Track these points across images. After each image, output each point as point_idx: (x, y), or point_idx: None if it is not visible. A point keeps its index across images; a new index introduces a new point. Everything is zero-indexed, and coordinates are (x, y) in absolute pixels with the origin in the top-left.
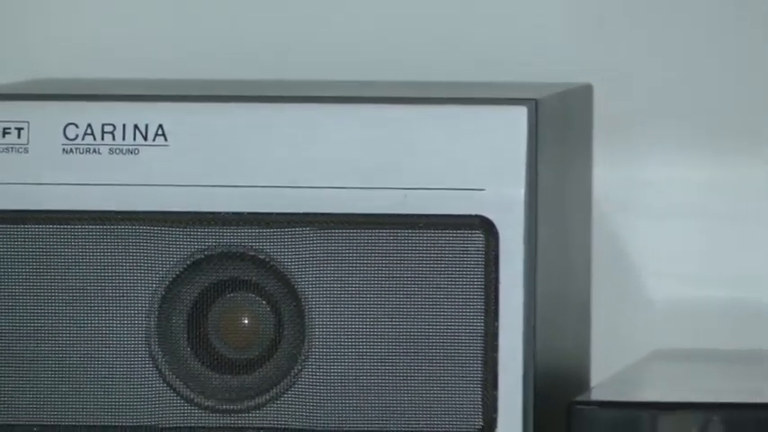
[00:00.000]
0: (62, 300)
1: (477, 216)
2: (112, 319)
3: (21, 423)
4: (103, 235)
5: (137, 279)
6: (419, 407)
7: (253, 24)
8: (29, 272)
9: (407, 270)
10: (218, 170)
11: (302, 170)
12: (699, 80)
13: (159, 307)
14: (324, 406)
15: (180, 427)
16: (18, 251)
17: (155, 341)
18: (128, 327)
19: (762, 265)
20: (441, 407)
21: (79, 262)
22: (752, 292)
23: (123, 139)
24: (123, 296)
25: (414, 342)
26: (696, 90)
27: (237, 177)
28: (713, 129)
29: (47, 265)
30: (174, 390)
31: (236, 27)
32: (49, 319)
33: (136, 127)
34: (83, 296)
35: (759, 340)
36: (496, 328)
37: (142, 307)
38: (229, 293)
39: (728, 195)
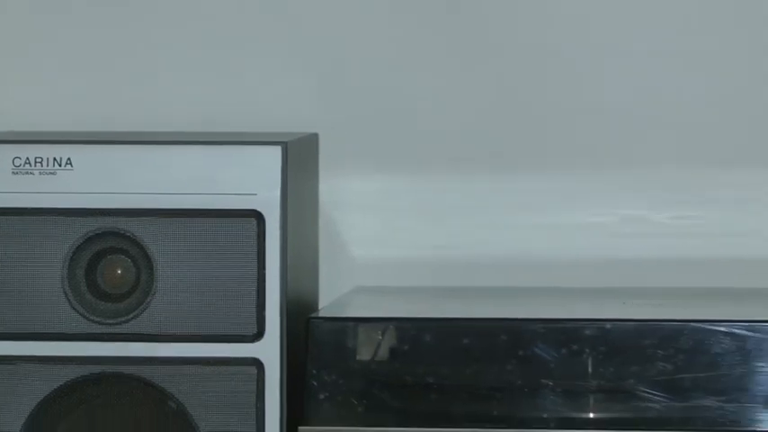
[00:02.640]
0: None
1: (253, 210)
2: (39, 269)
3: None
4: (39, 222)
5: (57, 246)
6: (221, 318)
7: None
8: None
9: (212, 241)
10: (103, 184)
11: (154, 185)
12: (379, 128)
13: (69, 262)
14: (164, 321)
15: (79, 333)
16: None
17: (65, 283)
18: (49, 274)
19: (424, 229)
20: (232, 321)
21: (25, 236)
22: (420, 250)
23: (47, 165)
24: (47, 256)
25: (209, 281)
26: (378, 134)
27: (113, 188)
28: (389, 160)
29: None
30: (77, 311)
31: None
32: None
33: (54, 159)
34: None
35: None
36: (264, 274)
37: (58, 262)
38: (109, 255)
39: (401, 195)
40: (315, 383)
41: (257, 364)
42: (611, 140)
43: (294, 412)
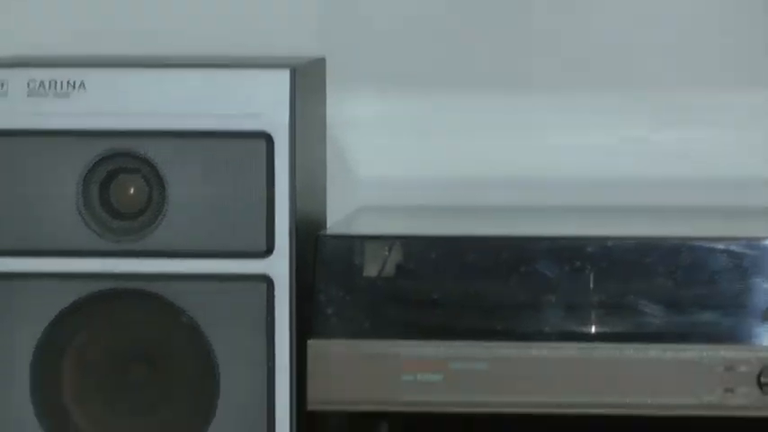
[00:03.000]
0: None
1: (262, 131)
2: (54, 189)
3: None
4: (53, 143)
5: (71, 166)
6: (231, 235)
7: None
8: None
9: (223, 161)
10: (115, 106)
11: (157, 104)
12: (390, 52)
13: (83, 180)
14: (176, 238)
15: (93, 250)
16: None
17: (80, 202)
18: (64, 194)
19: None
20: (242, 239)
21: (40, 157)
22: (425, 170)
23: (61, 88)
24: (62, 176)
25: (220, 199)
26: (383, 57)
27: (125, 110)
28: (395, 83)
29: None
30: (91, 229)
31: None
32: None
33: (68, 81)
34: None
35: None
36: (273, 192)
37: (72, 182)
38: (122, 175)
39: (406, 117)
40: (323, 299)
41: (267, 280)
42: (613, 62)
43: (303, 326)
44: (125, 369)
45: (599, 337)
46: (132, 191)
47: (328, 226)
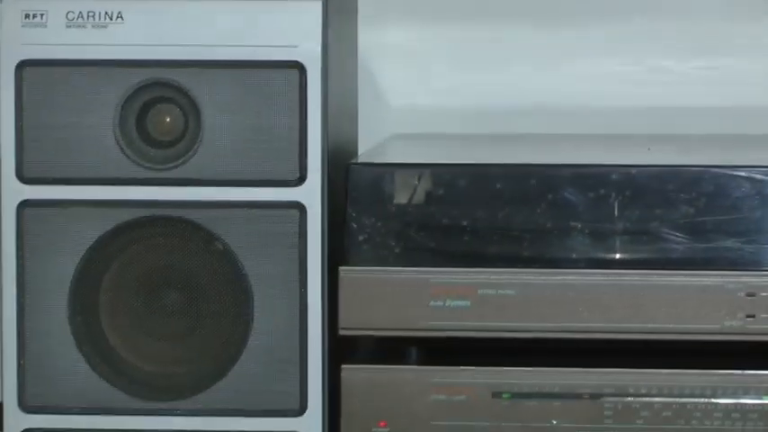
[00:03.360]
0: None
1: (295, 61)
2: (92, 118)
3: None
4: (91, 73)
5: (108, 95)
6: (265, 163)
7: None
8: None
9: (256, 90)
10: (152, 37)
11: (193, 36)
12: None
13: (121, 110)
14: (211, 166)
15: (130, 178)
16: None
17: (117, 130)
18: (101, 123)
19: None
20: (275, 167)
21: (78, 86)
22: (455, 99)
23: (99, 19)
24: (100, 105)
25: (253, 128)
26: None
27: (162, 41)
28: (425, 13)
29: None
30: (128, 157)
31: None
32: None
33: (106, 13)
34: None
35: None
36: (306, 121)
37: (110, 111)
38: (158, 104)
39: (436, 47)
40: (354, 226)
41: (299, 207)
42: None
43: (334, 253)
44: (161, 294)
45: (624, 264)
46: (168, 120)
47: (359, 154)
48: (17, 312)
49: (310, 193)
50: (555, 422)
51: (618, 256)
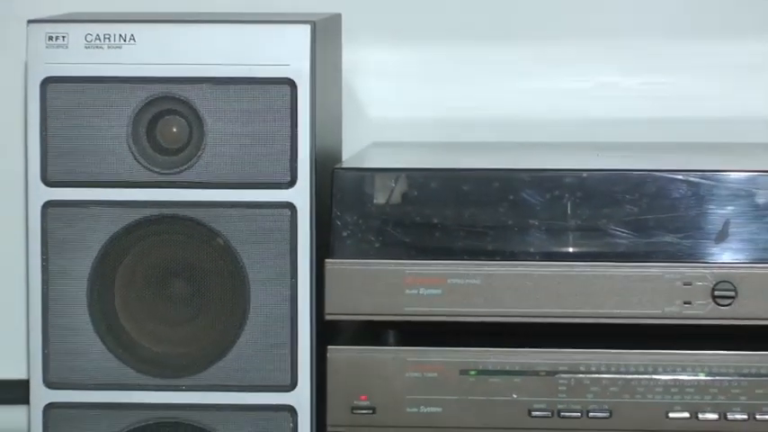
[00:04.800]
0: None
1: (287, 78)
2: (108, 129)
3: None
4: (107, 88)
5: (122, 108)
6: (260, 168)
7: None
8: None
9: (253, 104)
10: (161, 56)
11: (197, 55)
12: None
13: (133, 121)
14: (213, 171)
15: (141, 181)
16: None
17: (130, 139)
18: (116, 133)
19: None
20: (269, 171)
21: (96, 100)
22: (428, 111)
23: (114, 40)
24: (114, 117)
25: (250, 137)
26: (392, 13)
27: (170, 60)
28: (401, 35)
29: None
30: (139, 163)
31: None
32: None
33: (120, 35)
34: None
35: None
36: (296, 131)
37: (124, 122)
38: (166, 116)
39: (411, 65)
40: (339, 223)
41: (291, 207)
42: (592, 17)
43: (321, 248)
44: (168, 284)
45: (575, 257)
46: (175, 130)
47: (343, 160)
48: (41, 301)
49: (300, 195)
50: (515, 396)
51: (570, 249)
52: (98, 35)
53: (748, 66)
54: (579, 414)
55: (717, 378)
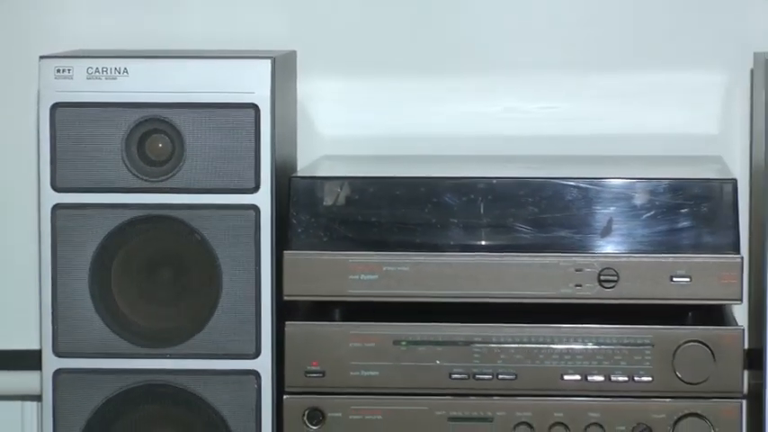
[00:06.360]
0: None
1: (251, 103)
2: (106, 144)
3: None
4: (105, 112)
5: (117, 128)
6: (230, 176)
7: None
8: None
9: (224, 124)
10: (150, 86)
11: (178, 85)
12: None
13: (126, 138)
14: (191, 179)
15: (133, 187)
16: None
17: (123, 153)
18: (112, 148)
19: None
20: (237, 179)
21: (95, 121)
22: (370, 130)
23: (110, 73)
24: (111, 135)
25: (222, 151)
26: (341, 50)
27: (157, 88)
28: (349, 68)
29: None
30: (131, 172)
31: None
32: None
33: (115, 68)
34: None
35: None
36: (259, 146)
37: (119, 139)
38: (153, 134)
39: (357, 92)
40: (294, 222)
41: (255, 208)
42: (500, 54)
43: (280, 241)
44: (155, 272)
45: (487, 249)
46: (160, 145)
47: (298, 170)
48: (51, 285)
49: (263, 198)
50: (438, 362)
51: (483, 242)
52: (97, 68)
53: (622, 93)
54: (491, 376)
55: (602, 347)
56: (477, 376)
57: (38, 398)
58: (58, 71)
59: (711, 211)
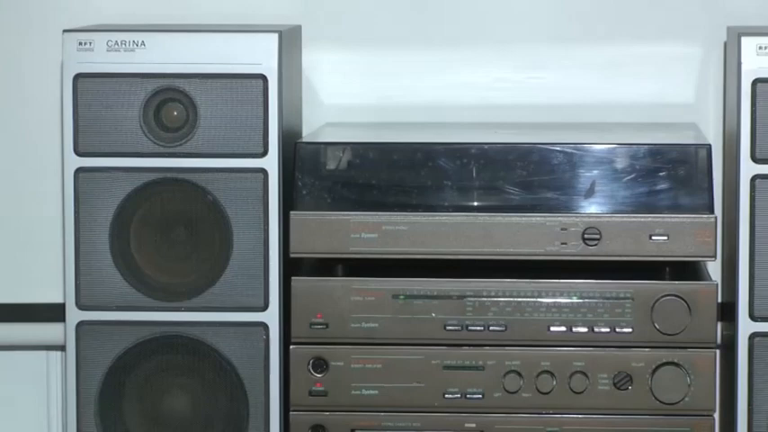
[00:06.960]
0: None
1: (260, 74)
2: (125, 112)
3: None
4: (124, 82)
5: (136, 97)
6: (240, 142)
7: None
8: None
9: (235, 94)
10: (166, 57)
11: (192, 56)
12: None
13: (144, 107)
14: (204, 144)
15: (150, 152)
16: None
17: (141, 120)
18: (131, 115)
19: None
20: (247, 144)
21: (115, 92)
22: (369, 99)
23: (129, 45)
24: (130, 103)
25: (233, 119)
26: (342, 25)
27: (172, 60)
28: (350, 42)
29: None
30: (148, 138)
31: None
32: None
33: (133, 41)
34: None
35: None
36: (267, 112)
37: (137, 107)
38: (169, 103)
39: (357, 64)
40: (300, 184)
41: (264, 171)
42: (492, 28)
43: (287, 203)
44: (171, 230)
45: (479, 209)
46: (176, 113)
47: (303, 136)
48: (74, 243)
49: (270, 162)
50: (434, 315)
51: (475, 203)
52: (117, 41)
53: (605, 64)
54: (482, 328)
55: (586, 300)
56: (470, 328)
57: (62, 348)
58: (80, 44)
59: (687, 175)
